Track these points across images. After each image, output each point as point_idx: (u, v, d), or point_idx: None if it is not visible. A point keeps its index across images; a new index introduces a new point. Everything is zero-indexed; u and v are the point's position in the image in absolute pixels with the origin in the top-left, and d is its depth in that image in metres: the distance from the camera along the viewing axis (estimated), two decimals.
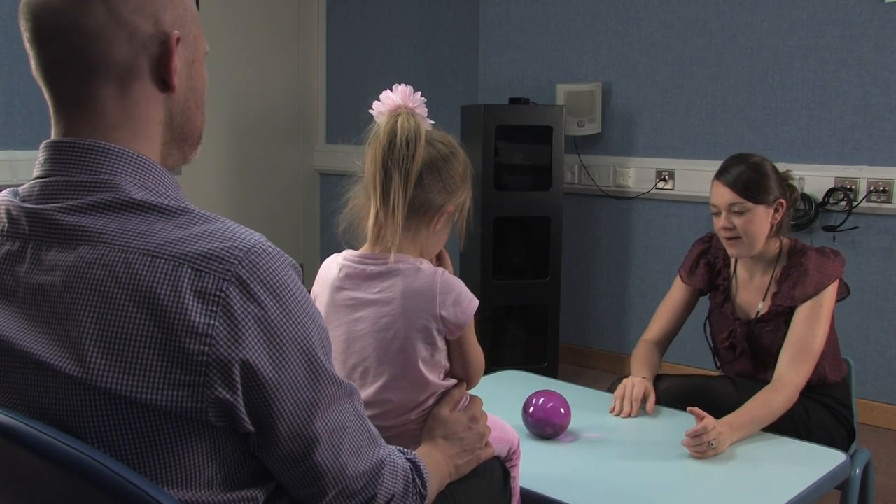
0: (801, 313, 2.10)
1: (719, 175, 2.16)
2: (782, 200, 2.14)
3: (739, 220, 2.12)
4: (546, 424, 1.88)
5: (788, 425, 2.01)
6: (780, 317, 2.16)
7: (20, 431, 0.90)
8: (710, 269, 2.33)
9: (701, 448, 1.80)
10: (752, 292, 2.24)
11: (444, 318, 1.38)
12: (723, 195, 2.13)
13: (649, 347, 2.31)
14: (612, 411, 2.07)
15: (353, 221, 1.47)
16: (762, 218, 2.12)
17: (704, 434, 1.80)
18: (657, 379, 2.24)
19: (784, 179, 2.19)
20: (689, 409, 1.89)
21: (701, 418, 1.84)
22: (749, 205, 2.11)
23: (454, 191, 1.45)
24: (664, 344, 2.36)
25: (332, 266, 1.47)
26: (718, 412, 1.92)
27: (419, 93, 1.43)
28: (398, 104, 1.42)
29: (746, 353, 2.23)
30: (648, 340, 2.34)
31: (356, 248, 1.47)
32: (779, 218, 2.14)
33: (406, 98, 1.41)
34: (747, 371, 2.25)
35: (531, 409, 1.89)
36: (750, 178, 2.11)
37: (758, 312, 2.20)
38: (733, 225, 2.13)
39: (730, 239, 2.16)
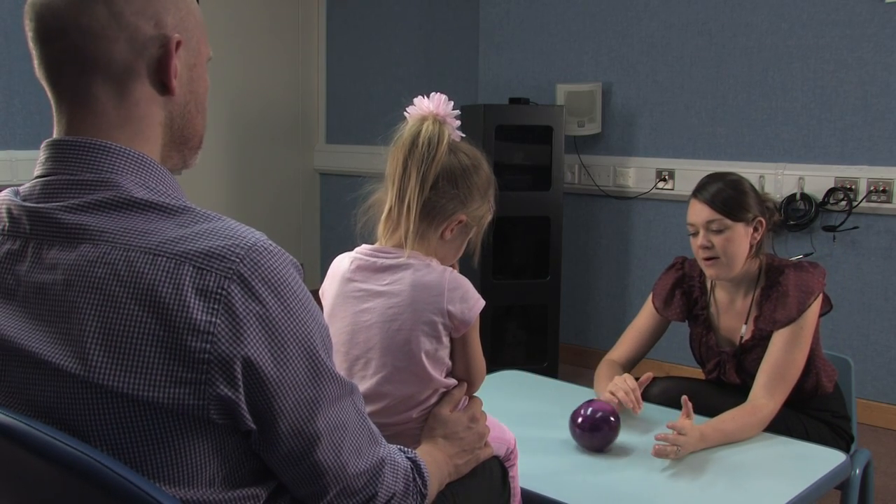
0: (781, 336, 2.03)
1: (696, 193, 2.09)
2: (762, 219, 2.07)
3: (718, 239, 2.04)
4: (595, 435, 1.82)
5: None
6: (763, 341, 2.08)
7: (20, 431, 0.90)
8: (687, 299, 2.25)
9: (665, 446, 1.76)
10: (733, 317, 2.17)
11: (450, 313, 1.39)
12: (700, 212, 2.06)
13: (613, 366, 2.23)
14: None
15: (371, 218, 1.49)
16: (741, 237, 2.04)
17: (679, 433, 1.77)
18: (651, 382, 2.23)
19: (763, 201, 2.12)
20: (683, 397, 1.85)
21: (687, 414, 1.82)
22: (728, 222, 2.03)
23: (468, 202, 1.46)
24: (628, 367, 2.26)
25: (344, 260, 1.50)
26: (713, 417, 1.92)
27: (452, 103, 1.45)
28: (430, 110, 1.44)
29: (736, 384, 2.17)
30: (613, 360, 2.26)
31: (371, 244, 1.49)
32: (758, 238, 2.07)
33: (439, 106, 1.44)
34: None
35: (580, 420, 1.83)
36: (729, 196, 2.04)
37: (741, 338, 2.14)
38: (711, 244, 2.04)
39: (707, 259, 2.07)
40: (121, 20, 0.98)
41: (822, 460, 1.81)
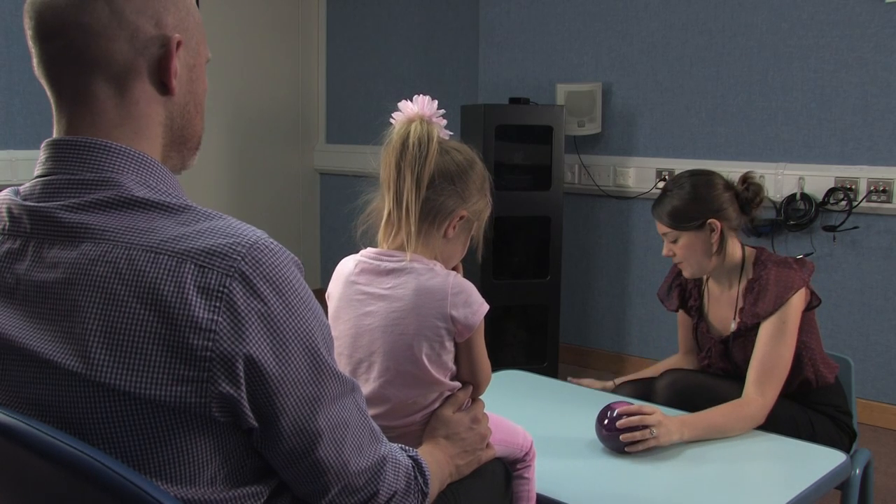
0: (765, 330, 2.06)
1: (653, 206, 2.20)
2: (714, 221, 2.09)
3: (676, 248, 2.15)
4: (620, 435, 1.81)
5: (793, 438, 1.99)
6: (749, 332, 2.13)
7: (20, 431, 0.90)
8: (682, 293, 2.34)
9: (636, 434, 1.77)
10: (724, 307, 2.23)
11: (454, 318, 1.39)
12: (657, 225, 2.18)
13: (676, 357, 2.42)
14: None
15: (371, 225, 1.50)
16: (694, 242, 2.12)
17: (648, 416, 1.79)
18: (659, 375, 2.26)
19: (730, 188, 2.13)
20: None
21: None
22: (677, 233, 2.13)
23: (468, 197, 1.46)
24: (692, 356, 2.41)
25: (349, 262, 1.50)
26: None
27: (436, 103, 1.46)
28: (415, 112, 1.44)
29: (724, 371, 2.22)
30: (677, 356, 2.43)
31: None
32: (716, 237, 2.11)
33: (424, 108, 1.45)
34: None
35: (606, 423, 1.82)
36: (674, 207, 2.12)
37: (731, 329, 2.19)
38: (673, 252, 2.17)
39: (677, 264, 2.21)
40: (121, 19, 0.98)
41: (822, 460, 1.81)
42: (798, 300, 2.07)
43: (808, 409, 2.15)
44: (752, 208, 2.16)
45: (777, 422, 2.00)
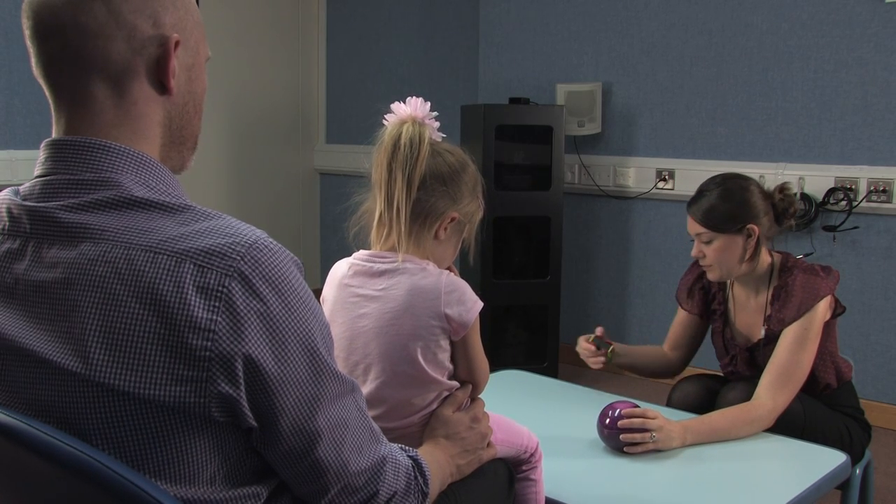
0: (788, 336, 2.04)
1: (689, 204, 2.13)
2: (753, 226, 2.06)
3: (709, 249, 2.08)
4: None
5: (836, 445, 1.98)
6: (776, 339, 2.09)
7: (20, 431, 0.90)
8: (705, 295, 2.30)
9: (636, 435, 1.78)
10: (750, 314, 2.20)
11: (448, 316, 1.39)
12: (690, 224, 2.11)
13: (655, 348, 2.36)
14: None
15: (364, 227, 1.50)
16: (730, 246, 2.07)
17: (650, 420, 1.80)
18: (675, 385, 2.27)
19: (768, 197, 2.11)
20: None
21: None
22: (713, 234, 2.07)
23: (459, 199, 1.46)
24: (677, 361, 2.36)
25: (343, 265, 1.50)
26: None
27: (429, 104, 1.46)
28: (408, 115, 1.44)
29: (749, 380, 2.18)
30: (665, 346, 2.37)
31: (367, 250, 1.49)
32: (752, 243, 2.07)
33: (416, 109, 1.44)
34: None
35: (607, 421, 1.83)
36: (714, 208, 2.06)
37: (760, 336, 2.16)
38: (704, 254, 2.10)
39: (704, 266, 2.14)
40: (119, 19, 0.97)
41: (822, 460, 1.82)
42: (823, 308, 2.05)
43: (837, 412, 2.14)
44: (786, 219, 2.13)
45: (827, 438, 2.00)
